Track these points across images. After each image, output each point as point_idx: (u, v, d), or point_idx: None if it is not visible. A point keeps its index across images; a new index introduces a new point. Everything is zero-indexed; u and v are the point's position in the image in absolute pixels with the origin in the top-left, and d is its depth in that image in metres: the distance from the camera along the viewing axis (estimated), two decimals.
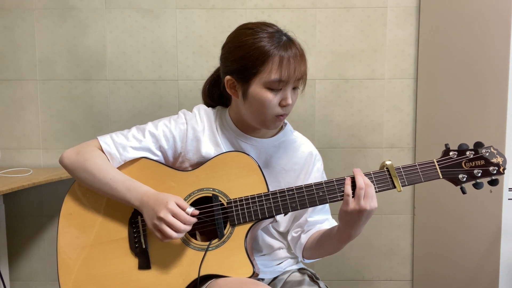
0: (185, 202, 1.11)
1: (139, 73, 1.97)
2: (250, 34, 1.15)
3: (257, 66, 1.12)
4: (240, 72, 1.16)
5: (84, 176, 1.17)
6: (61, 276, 1.18)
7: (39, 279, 2.07)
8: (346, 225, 1.11)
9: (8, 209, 2.01)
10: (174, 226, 1.07)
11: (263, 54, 1.12)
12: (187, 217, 1.08)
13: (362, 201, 1.06)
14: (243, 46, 1.14)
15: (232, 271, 1.12)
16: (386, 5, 1.94)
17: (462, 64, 1.66)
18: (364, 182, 1.08)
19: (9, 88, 1.97)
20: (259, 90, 1.14)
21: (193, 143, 1.24)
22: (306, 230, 1.27)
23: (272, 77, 1.12)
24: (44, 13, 1.94)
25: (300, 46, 1.17)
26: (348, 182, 1.09)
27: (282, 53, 1.12)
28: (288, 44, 1.14)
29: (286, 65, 1.12)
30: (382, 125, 2.00)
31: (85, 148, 1.20)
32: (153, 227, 1.10)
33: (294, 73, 1.13)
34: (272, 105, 1.15)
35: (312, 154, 1.30)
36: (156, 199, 1.11)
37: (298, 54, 1.14)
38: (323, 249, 1.22)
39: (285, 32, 1.18)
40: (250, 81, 1.14)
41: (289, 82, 1.14)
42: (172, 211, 1.08)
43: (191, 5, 1.94)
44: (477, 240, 1.59)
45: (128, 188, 1.14)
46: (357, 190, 1.07)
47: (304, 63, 1.16)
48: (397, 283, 2.08)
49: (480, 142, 1.14)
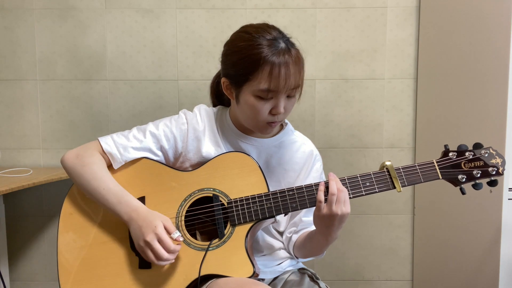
0: (173, 226, 1.11)
1: (139, 73, 1.97)
2: (246, 39, 1.13)
3: (247, 74, 1.11)
4: (233, 77, 1.16)
5: (80, 182, 1.18)
6: (61, 275, 1.18)
7: (39, 279, 2.07)
8: (321, 229, 1.12)
9: (8, 209, 2.01)
10: (158, 254, 1.07)
11: (254, 63, 1.10)
12: (172, 245, 1.08)
13: (334, 206, 1.07)
14: (237, 52, 1.13)
15: (232, 271, 1.12)
16: (386, 5, 1.94)
17: (462, 64, 1.66)
18: (337, 187, 1.08)
19: (9, 88, 1.97)
20: (249, 97, 1.14)
21: (193, 143, 1.24)
22: (298, 230, 1.28)
23: (261, 86, 1.10)
24: (44, 13, 1.94)
25: (298, 54, 1.14)
26: (321, 188, 1.10)
27: (274, 63, 1.08)
28: (284, 52, 1.10)
29: (277, 75, 1.09)
30: (382, 125, 2.00)
31: (85, 152, 1.20)
32: (139, 248, 1.10)
33: (285, 83, 1.10)
34: (262, 113, 1.14)
35: (313, 154, 1.30)
36: (145, 219, 1.10)
37: (292, 63, 1.11)
38: (307, 250, 1.24)
39: (286, 38, 1.15)
40: (242, 87, 1.14)
41: (280, 92, 1.11)
42: (158, 237, 1.07)
43: (191, 5, 1.94)
44: (477, 240, 1.59)
45: (119, 200, 1.14)
46: (329, 195, 1.07)
47: (299, 73, 1.13)
48: (397, 283, 2.08)
49: (479, 143, 1.14)
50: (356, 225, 2.04)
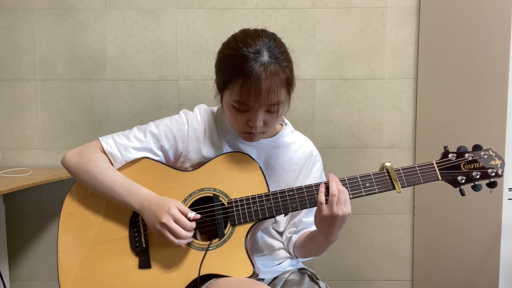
0: (186, 207, 1.12)
1: (139, 73, 1.97)
2: (231, 47, 1.12)
3: (226, 82, 1.12)
4: (218, 81, 1.17)
5: (86, 179, 1.18)
6: (61, 275, 1.18)
7: (39, 279, 2.07)
8: (322, 230, 1.13)
9: (8, 209, 2.01)
10: (176, 232, 1.08)
11: (231, 73, 1.09)
12: (188, 223, 1.09)
13: (335, 208, 1.07)
14: (222, 59, 1.14)
15: (232, 271, 1.12)
16: (386, 5, 1.94)
17: (462, 64, 1.66)
18: (337, 188, 1.08)
19: (9, 88, 1.97)
20: (227, 104, 1.15)
21: (194, 143, 1.24)
22: (298, 230, 1.28)
23: (233, 97, 1.11)
24: (44, 13, 1.94)
25: (278, 70, 1.08)
26: (322, 190, 1.10)
27: (247, 76, 1.06)
28: (262, 66, 1.06)
29: (248, 89, 1.06)
30: (382, 125, 2.00)
31: (87, 150, 1.21)
32: (156, 232, 1.11)
33: (256, 99, 1.07)
34: (238, 122, 1.14)
35: (312, 154, 1.30)
36: (157, 203, 1.11)
37: (267, 78, 1.06)
38: (307, 250, 1.24)
39: (273, 52, 1.09)
40: (223, 93, 1.15)
41: (252, 106, 1.09)
42: (174, 217, 1.09)
43: (191, 5, 1.94)
44: (477, 240, 1.59)
45: (128, 191, 1.15)
46: (330, 196, 1.07)
47: (276, 91, 1.08)
48: (397, 283, 2.08)
49: (479, 144, 1.15)
50: (356, 225, 2.04)
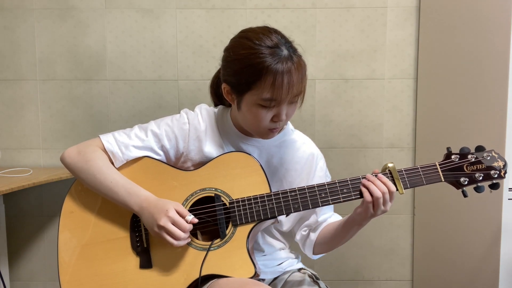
0: (185, 209, 1.12)
1: (139, 73, 1.97)
2: (248, 47, 1.10)
3: (250, 83, 1.10)
4: (235, 85, 1.14)
5: (85, 177, 1.17)
6: (62, 274, 1.18)
7: (39, 279, 2.07)
8: (360, 222, 1.15)
9: (8, 209, 2.01)
10: (174, 234, 1.08)
11: (257, 72, 1.08)
12: (186, 225, 1.09)
13: (381, 208, 1.11)
14: (239, 60, 1.11)
15: (233, 271, 1.12)
16: (386, 5, 1.95)
17: (462, 64, 1.66)
18: (380, 190, 1.10)
19: (9, 88, 1.97)
20: (251, 105, 1.13)
21: (195, 143, 1.24)
22: (314, 228, 1.29)
23: (263, 96, 1.09)
24: (44, 13, 1.94)
25: (300, 61, 1.12)
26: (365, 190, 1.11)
27: (277, 72, 1.07)
28: (287, 60, 1.08)
29: (280, 85, 1.07)
30: (382, 125, 2.00)
31: (87, 147, 1.20)
32: (155, 235, 1.11)
33: (288, 92, 1.09)
34: (264, 120, 1.14)
35: (314, 154, 1.30)
36: (156, 206, 1.11)
37: (295, 70, 1.09)
38: (335, 241, 1.25)
39: (288, 44, 1.13)
40: (243, 95, 1.13)
41: (282, 100, 1.11)
42: (172, 219, 1.09)
43: (191, 5, 1.94)
44: (477, 240, 1.59)
45: (128, 192, 1.14)
46: (375, 199, 1.10)
47: (302, 80, 1.11)
48: (397, 283, 2.08)
49: (481, 146, 1.14)
50: None
